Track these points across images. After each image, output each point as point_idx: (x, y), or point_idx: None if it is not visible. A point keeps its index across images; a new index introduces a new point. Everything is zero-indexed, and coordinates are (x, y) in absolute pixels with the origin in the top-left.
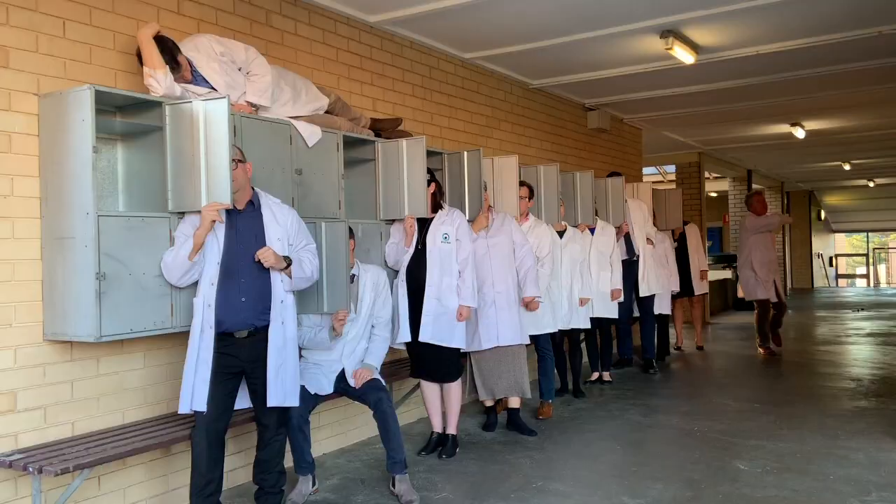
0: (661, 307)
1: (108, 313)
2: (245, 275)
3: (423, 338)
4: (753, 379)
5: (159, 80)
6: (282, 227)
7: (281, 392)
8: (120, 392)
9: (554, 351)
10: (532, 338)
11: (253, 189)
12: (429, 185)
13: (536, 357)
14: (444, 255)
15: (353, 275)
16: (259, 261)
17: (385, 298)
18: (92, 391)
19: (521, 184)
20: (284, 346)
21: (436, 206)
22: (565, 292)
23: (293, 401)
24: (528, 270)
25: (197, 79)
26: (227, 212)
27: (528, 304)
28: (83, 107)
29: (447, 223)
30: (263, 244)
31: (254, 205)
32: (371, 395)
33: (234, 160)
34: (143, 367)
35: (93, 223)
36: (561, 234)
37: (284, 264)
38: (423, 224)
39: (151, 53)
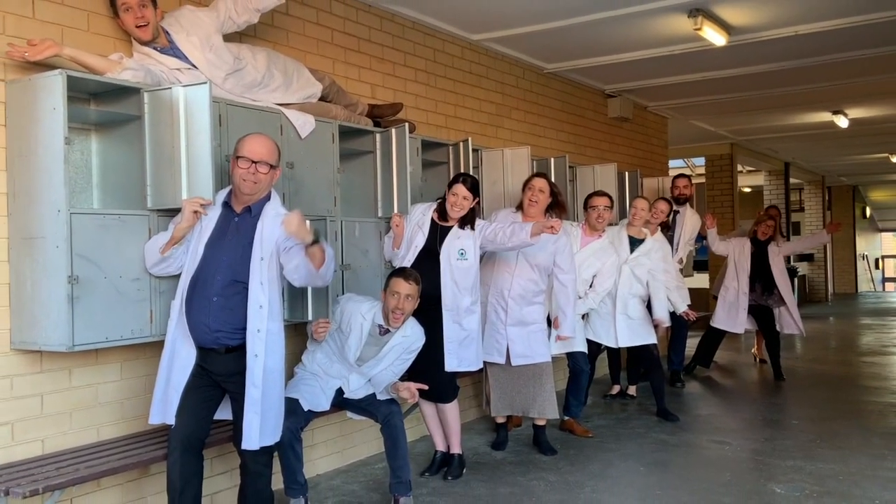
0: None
1: (81, 320)
2: (217, 292)
3: (450, 367)
4: (791, 392)
5: (126, 63)
6: (267, 242)
7: (257, 433)
8: (94, 406)
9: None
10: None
11: (270, 194)
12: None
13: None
14: (459, 273)
15: (380, 326)
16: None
17: (404, 364)
18: (63, 405)
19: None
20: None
21: (465, 222)
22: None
23: (274, 437)
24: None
25: (175, 52)
26: (225, 214)
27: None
28: (54, 94)
29: (466, 237)
30: (247, 259)
31: (251, 212)
32: (381, 408)
33: (249, 160)
34: (119, 380)
35: (65, 221)
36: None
37: (310, 237)
38: (437, 231)
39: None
